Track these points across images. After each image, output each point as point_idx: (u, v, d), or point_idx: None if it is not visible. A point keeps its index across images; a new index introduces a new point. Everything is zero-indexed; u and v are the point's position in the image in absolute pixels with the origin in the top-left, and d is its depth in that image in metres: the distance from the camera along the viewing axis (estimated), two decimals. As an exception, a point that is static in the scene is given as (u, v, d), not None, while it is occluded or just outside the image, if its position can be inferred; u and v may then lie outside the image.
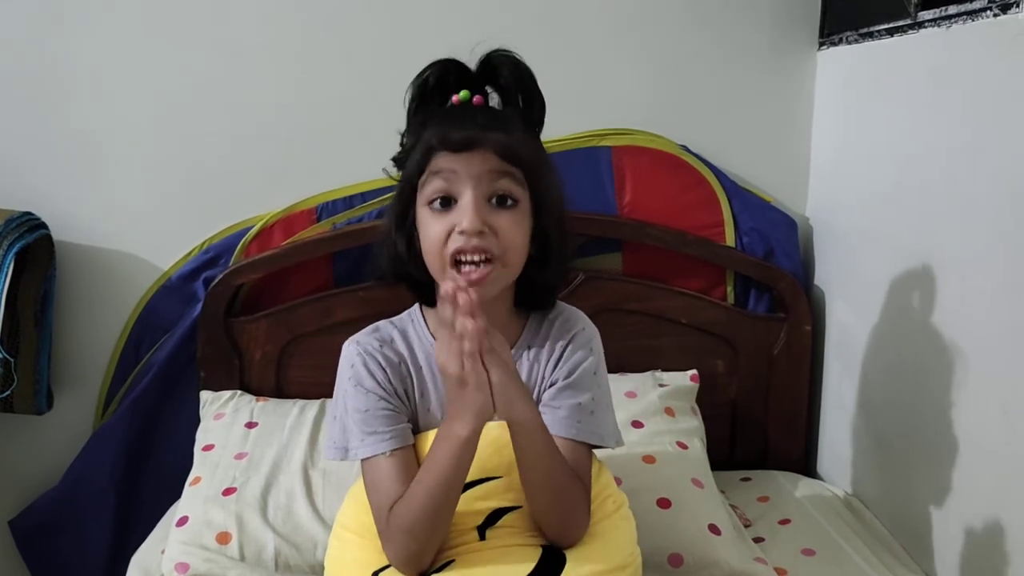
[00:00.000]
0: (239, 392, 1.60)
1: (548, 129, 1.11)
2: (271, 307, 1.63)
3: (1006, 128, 1.17)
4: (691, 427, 1.51)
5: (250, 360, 1.63)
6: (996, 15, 1.18)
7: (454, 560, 1.00)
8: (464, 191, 0.99)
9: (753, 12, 1.68)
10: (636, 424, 1.46)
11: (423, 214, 1.02)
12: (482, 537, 1.02)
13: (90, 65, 1.61)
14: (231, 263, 1.64)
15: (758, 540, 1.42)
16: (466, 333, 0.90)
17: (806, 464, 1.75)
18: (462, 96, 1.05)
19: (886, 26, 1.46)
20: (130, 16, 1.60)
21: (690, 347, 1.67)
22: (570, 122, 1.67)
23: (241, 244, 1.65)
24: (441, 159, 1.00)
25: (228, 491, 1.38)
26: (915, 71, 1.40)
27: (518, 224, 1.01)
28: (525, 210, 1.03)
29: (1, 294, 1.47)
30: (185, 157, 1.65)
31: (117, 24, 1.61)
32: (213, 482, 1.40)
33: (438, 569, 1.00)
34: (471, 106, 1.04)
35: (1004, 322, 1.18)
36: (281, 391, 1.63)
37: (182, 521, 1.35)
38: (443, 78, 1.06)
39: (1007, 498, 1.19)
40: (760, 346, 1.68)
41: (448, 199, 1.00)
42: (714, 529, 1.33)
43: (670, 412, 1.51)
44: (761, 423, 1.71)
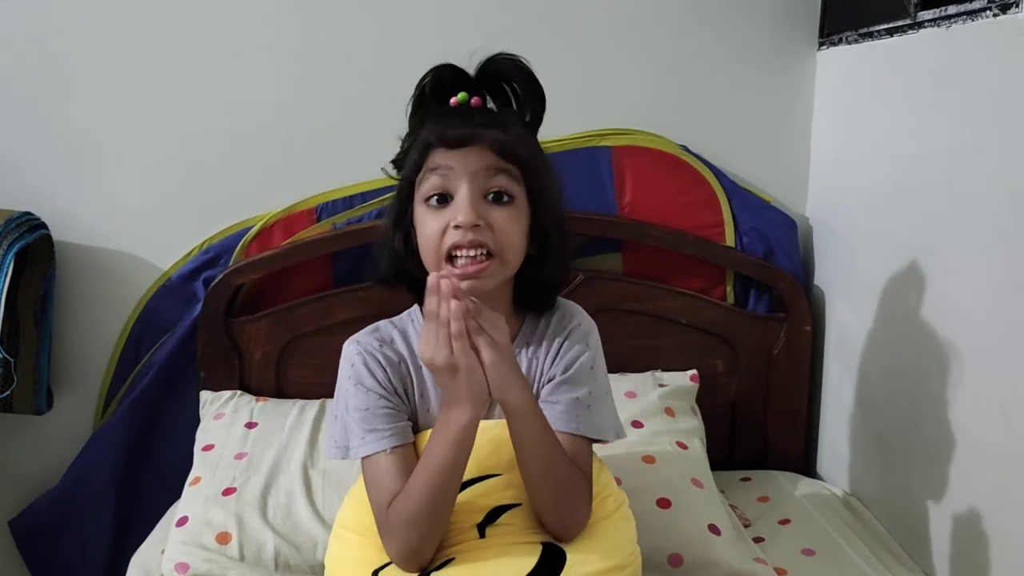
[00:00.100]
0: (239, 392, 1.60)
1: (548, 129, 1.11)
2: (271, 307, 1.63)
3: (1006, 128, 1.17)
4: (691, 427, 1.51)
5: (250, 360, 1.63)
6: (996, 15, 1.18)
7: (454, 558, 1.00)
8: (460, 187, 0.99)
9: (753, 12, 1.68)
10: (636, 424, 1.46)
11: (420, 211, 1.03)
12: (482, 535, 1.02)
13: (90, 65, 1.61)
14: (231, 263, 1.64)
15: (758, 540, 1.42)
16: (450, 315, 0.89)
17: (806, 464, 1.75)
18: (460, 98, 1.05)
19: (886, 26, 1.46)
20: (130, 16, 1.61)
21: (690, 347, 1.67)
22: (570, 122, 1.67)
23: (241, 244, 1.65)
24: (438, 156, 1.01)
25: (228, 491, 1.38)
26: (915, 71, 1.40)
27: (514, 220, 1.02)
28: (522, 207, 1.03)
29: (1, 294, 1.47)
30: (185, 157, 1.65)
31: (117, 24, 1.61)
32: (213, 482, 1.40)
33: (438, 567, 0.99)
34: (469, 107, 1.05)
35: (1004, 322, 1.18)
36: (281, 391, 1.63)
37: (182, 521, 1.35)
38: (441, 82, 1.06)
39: (1006, 498, 1.19)
40: (760, 346, 1.68)
41: (444, 196, 1.01)
42: (714, 529, 1.33)
43: (670, 412, 1.51)
44: (761, 423, 1.71)
